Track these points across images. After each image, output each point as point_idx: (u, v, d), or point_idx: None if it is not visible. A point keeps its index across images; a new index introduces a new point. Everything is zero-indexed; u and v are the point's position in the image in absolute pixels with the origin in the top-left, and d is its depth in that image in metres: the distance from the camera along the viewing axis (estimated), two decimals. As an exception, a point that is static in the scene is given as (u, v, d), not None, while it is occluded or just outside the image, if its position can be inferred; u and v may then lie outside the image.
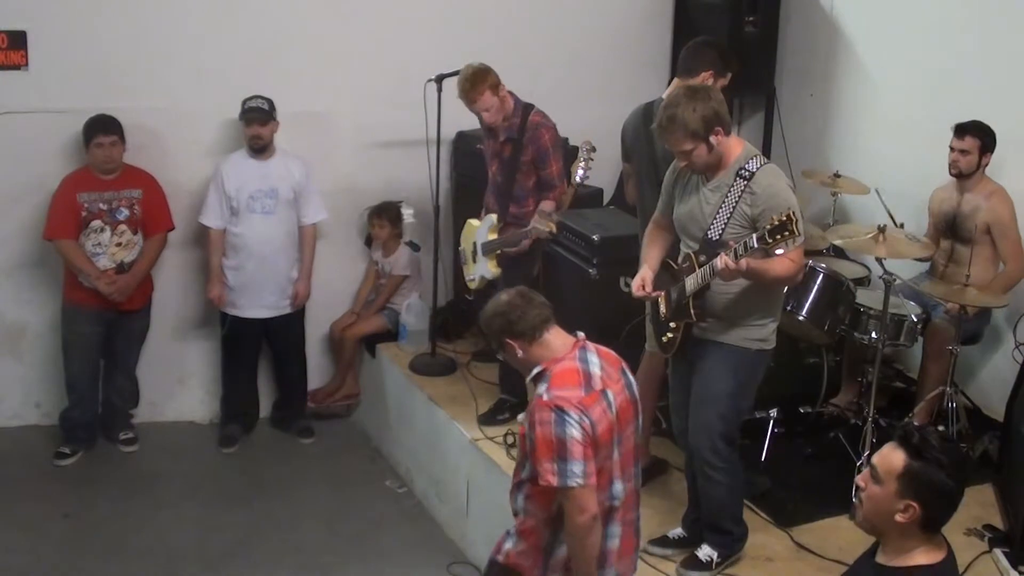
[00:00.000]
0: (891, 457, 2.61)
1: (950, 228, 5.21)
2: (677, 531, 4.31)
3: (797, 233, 3.40)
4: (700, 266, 3.77)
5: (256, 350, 6.15)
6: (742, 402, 4.01)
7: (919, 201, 5.45)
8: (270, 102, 5.75)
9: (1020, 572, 4.10)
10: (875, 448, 3.84)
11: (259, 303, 5.90)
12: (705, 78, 4.39)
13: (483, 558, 5.00)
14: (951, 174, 5.13)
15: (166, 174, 5.85)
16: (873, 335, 4.75)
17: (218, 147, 5.98)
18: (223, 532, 5.29)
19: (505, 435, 5.10)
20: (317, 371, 6.45)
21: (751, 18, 6.37)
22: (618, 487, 3.29)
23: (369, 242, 6.45)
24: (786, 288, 4.09)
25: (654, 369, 4.72)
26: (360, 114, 6.19)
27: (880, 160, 5.86)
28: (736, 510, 4.11)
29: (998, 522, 4.46)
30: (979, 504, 4.58)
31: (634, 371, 4.71)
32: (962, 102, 5.34)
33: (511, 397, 5.33)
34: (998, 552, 4.22)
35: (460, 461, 5.27)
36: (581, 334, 3.37)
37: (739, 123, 6.96)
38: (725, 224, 3.74)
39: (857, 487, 2.70)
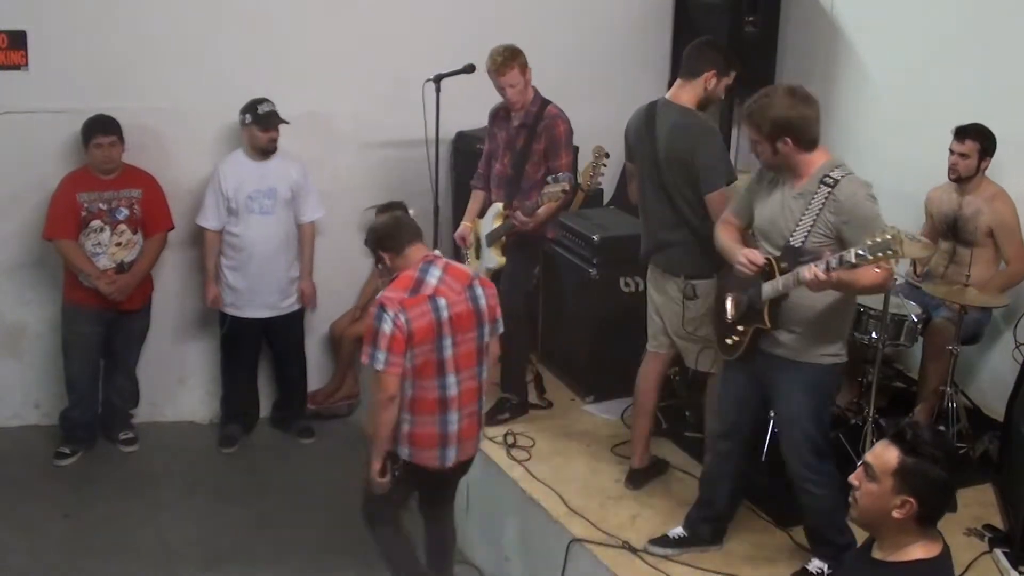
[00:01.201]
0: (885, 454, 2.65)
1: (951, 230, 5.21)
2: (678, 530, 4.31)
3: (902, 253, 3.37)
4: (781, 272, 3.73)
5: (256, 350, 6.15)
6: (824, 415, 3.99)
7: (919, 201, 5.45)
8: (273, 104, 5.76)
9: (1020, 572, 4.10)
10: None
11: (258, 303, 5.90)
12: (708, 78, 4.39)
13: (483, 558, 5.03)
14: (950, 178, 5.12)
15: (166, 174, 5.85)
16: (873, 335, 4.75)
17: (218, 147, 5.98)
18: (223, 532, 5.29)
19: (505, 435, 5.11)
20: (317, 371, 6.45)
21: (751, 18, 6.37)
22: (451, 379, 4.01)
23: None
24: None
25: (654, 369, 4.73)
26: (360, 114, 6.20)
27: (880, 160, 5.85)
28: (839, 520, 3.99)
29: (998, 522, 4.47)
30: (979, 504, 4.59)
31: (635, 372, 4.78)
32: (962, 102, 5.34)
33: (512, 397, 5.34)
34: (998, 552, 4.22)
35: (460, 461, 5.27)
36: (437, 251, 4.20)
37: (739, 123, 6.96)
38: (808, 232, 3.70)
39: (851, 485, 2.74)
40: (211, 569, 5.01)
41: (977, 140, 5.01)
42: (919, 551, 2.65)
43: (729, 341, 3.99)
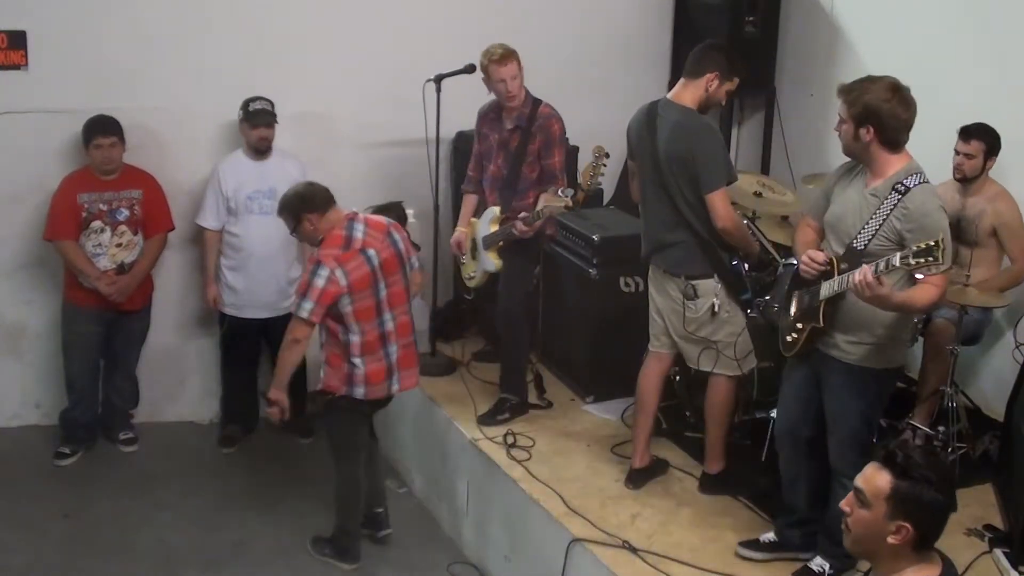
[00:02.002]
0: (876, 479, 2.54)
1: (953, 230, 5.18)
2: (769, 535, 4.26)
3: (942, 261, 3.35)
4: (840, 272, 3.72)
5: (255, 350, 6.15)
6: (873, 417, 3.99)
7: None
8: (271, 103, 5.76)
9: (1020, 572, 4.10)
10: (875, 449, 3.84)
11: (258, 303, 5.90)
12: (710, 79, 4.39)
13: (483, 558, 5.03)
14: (955, 178, 5.11)
15: (166, 174, 5.85)
16: (873, 335, 4.74)
17: (218, 147, 5.98)
18: (223, 532, 5.29)
19: (505, 435, 5.11)
20: (317, 371, 6.42)
21: (751, 18, 6.37)
22: (387, 316, 4.64)
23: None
24: None
25: (656, 370, 4.73)
26: (360, 114, 6.19)
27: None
28: None
29: (998, 522, 4.46)
30: (979, 504, 4.59)
31: (635, 372, 4.78)
32: (963, 102, 5.33)
33: (511, 397, 5.33)
34: (998, 552, 4.22)
35: (460, 461, 5.27)
36: (356, 210, 4.70)
37: (739, 123, 6.97)
38: (873, 235, 3.68)
39: (843, 512, 2.63)
40: (211, 569, 5.01)
41: (983, 140, 5.00)
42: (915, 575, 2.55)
43: (789, 338, 3.96)
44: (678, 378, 5.25)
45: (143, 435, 6.07)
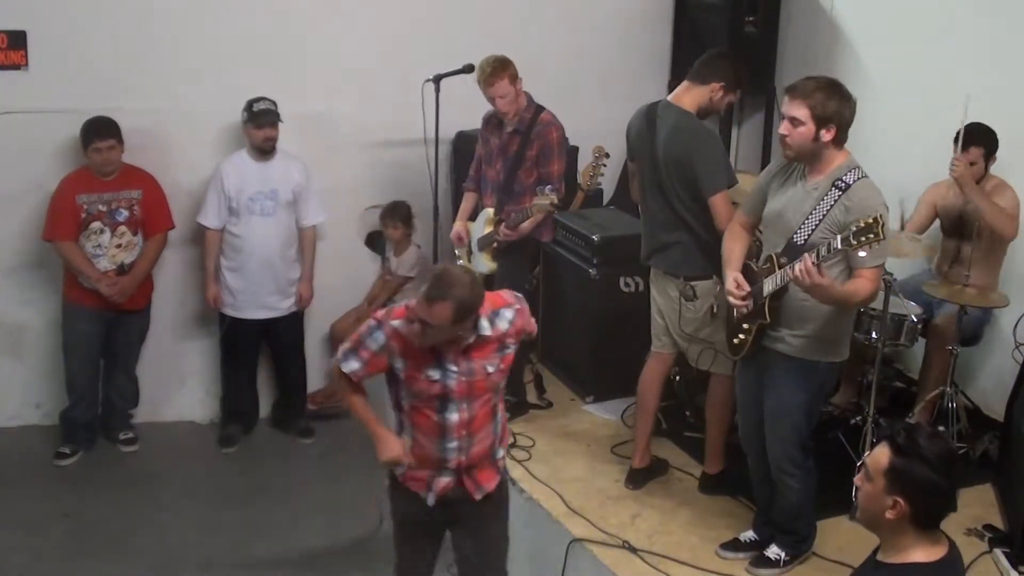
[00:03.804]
0: (879, 455, 2.67)
1: (955, 227, 5.19)
2: (748, 534, 4.30)
3: (882, 236, 3.40)
4: (780, 267, 3.75)
5: (255, 350, 6.15)
6: (813, 411, 4.01)
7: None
8: (275, 103, 5.76)
9: (1020, 572, 4.10)
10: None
11: (258, 304, 5.90)
12: (715, 88, 4.40)
13: (483, 558, 5.01)
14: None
15: (166, 174, 5.85)
16: (873, 335, 4.75)
17: (218, 147, 5.98)
18: (223, 532, 5.29)
19: (505, 435, 5.10)
20: (317, 371, 6.44)
21: (751, 18, 6.37)
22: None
23: (369, 242, 6.45)
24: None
25: (657, 370, 4.73)
26: (360, 114, 6.19)
27: (880, 159, 5.84)
28: (807, 513, 4.11)
29: (998, 522, 4.47)
30: (979, 504, 4.59)
31: (635, 372, 4.77)
32: (963, 101, 5.33)
33: (511, 397, 5.33)
34: (998, 552, 4.22)
35: (460, 461, 5.26)
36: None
37: (739, 123, 6.96)
38: (813, 229, 3.72)
39: (855, 486, 2.76)
40: (211, 569, 5.01)
41: (981, 144, 4.97)
42: (919, 554, 2.64)
43: (736, 340, 4.01)
44: (678, 378, 5.26)
45: (143, 435, 6.07)
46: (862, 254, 3.50)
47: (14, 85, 5.66)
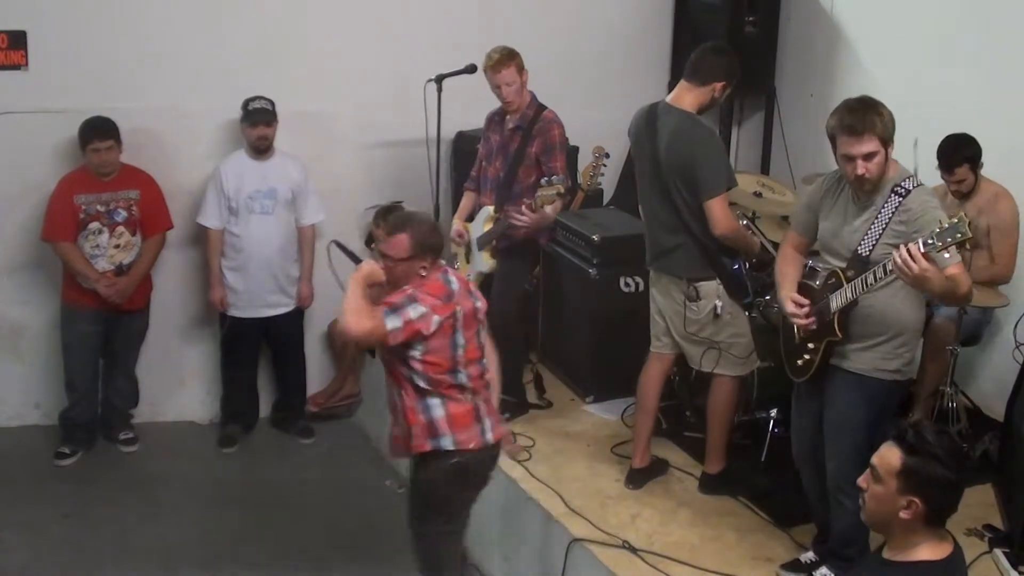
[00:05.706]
0: (888, 456, 2.66)
1: None
2: (809, 555, 4.20)
3: (969, 235, 3.28)
4: (848, 281, 3.68)
5: (256, 350, 6.15)
6: (876, 431, 3.88)
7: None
8: (272, 102, 5.76)
9: (1020, 572, 4.10)
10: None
11: (258, 303, 5.90)
12: (716, 88, 4.38)
13: (483, 558, 5.02)
14: (955, 198, 5.06)
15: (166, 174, 5.85)
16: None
17: (218, 147, 5.98)
18: (223, 532, 5.29)
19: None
20: (317, 372, 6.44)
21: (751, 18, 6.37)
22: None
23: (369, 242, 6.45)
24: None
25: (657, 370, 4.73)
26: (360, 114, 6.19)
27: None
28: (861, 539, 3.91)
29: (998, 522, 4.46)
30: (979, 504, 4.58)
31: (635, 372, 4.78)
32: (963, 102, 5.33)
33: (511, 397, 5.33)
34: (998, 552, 4.22)
35: (460, 461, 5.26)
36: (443, 261, 3.97)
37: (739, 123, 6.97)
38: (876, 240, 3.65)
39: (859, 488, 2.75)
40: (211, 569, 5.00)
41: (965, 161, 4.93)
42: (926, 552, 2.65)
43: (800, 362, 3.90)
44: (678, 378, 5.26)
45: (143, 435, 6.07)
46: (947, 255, 3.39)
47: (14, 85, 5.66)
